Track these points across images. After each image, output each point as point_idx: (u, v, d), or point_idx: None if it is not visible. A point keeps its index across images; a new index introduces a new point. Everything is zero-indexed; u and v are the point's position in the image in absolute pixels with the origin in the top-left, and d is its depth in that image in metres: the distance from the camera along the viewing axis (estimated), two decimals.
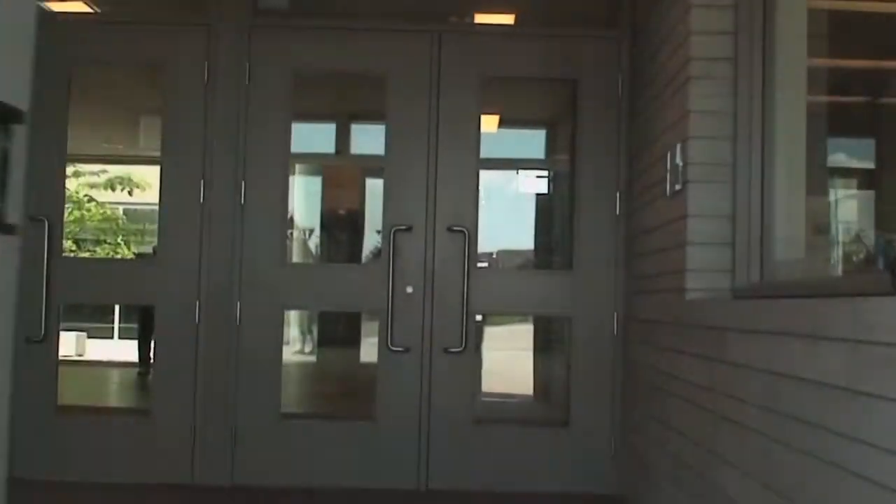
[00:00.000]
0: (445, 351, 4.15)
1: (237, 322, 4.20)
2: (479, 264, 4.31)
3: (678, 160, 3.07)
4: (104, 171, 12.77)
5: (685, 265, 2.97)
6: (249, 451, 4.18)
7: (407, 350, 4.18)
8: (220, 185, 4.24)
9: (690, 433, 2.89)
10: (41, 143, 4.22)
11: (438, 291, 4.20)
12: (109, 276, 4.34)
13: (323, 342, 17.83)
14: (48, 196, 4.27)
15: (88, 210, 14.36)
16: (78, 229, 13.92)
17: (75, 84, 4.28)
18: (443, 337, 4.17)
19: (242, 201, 4.23)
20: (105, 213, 14.50)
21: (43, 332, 4.20)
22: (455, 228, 4.18)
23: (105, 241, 14.15)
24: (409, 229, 4.21)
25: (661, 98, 3.41)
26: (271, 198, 4.24)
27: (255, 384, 4.20)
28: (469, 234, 4.16)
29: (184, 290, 4.20)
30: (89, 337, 14.48)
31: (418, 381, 4.18)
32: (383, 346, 4.19)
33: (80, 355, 12.97)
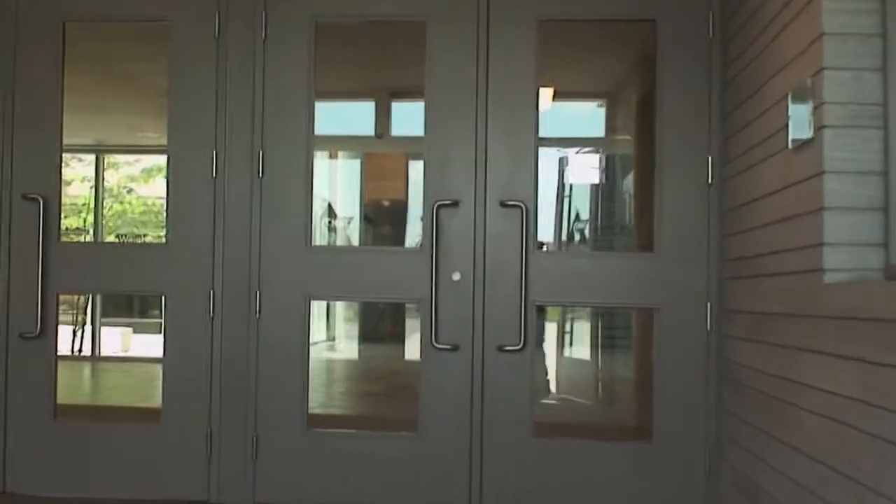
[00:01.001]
0: (500, 349, 3.47)
1: (257, 314, 3.57)
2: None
3: (808, 101, 2.33)
4: (137, 161, 12.41)
5: (821, 238, 2.24)
6: (273, 464, 3.54)
7: (455, 348, 3.50)
8: (234, 156, 3.61)
9: (827, 458, 2.16)
10: (28, 109, 3.66)
11: (491, 278, 3.52)
12: (113, 263, 3.72)
13: (365, 337, 17.16)
14: (42, 171, 3.68)
15: (129, 203, 13.96)
16: (120, 223, 13.59)
17: (72, 54, 3.71)
18: (497, 332, 3.48)
19: (261, 174, 3.59)
20: (145, 204, 14.08)
21: (39, 326, 3.61)
22: (509, 203, 3.49)
23: (145, 235, 13.69)
24: (454, 204, 3.54)
25: (775, 26, 2.67)
26: (294, 169, 3.59)
27: (279, 387, 3.56)
28: (526, 210, 3.46)
29: (196, 277, 3.58)
30: (135, 332, 14.03)
31: (468, 385, 3.50)
32: (427, 344, 3.52)
33: (125, 351, 12.55)
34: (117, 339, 12.58)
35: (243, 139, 3.61)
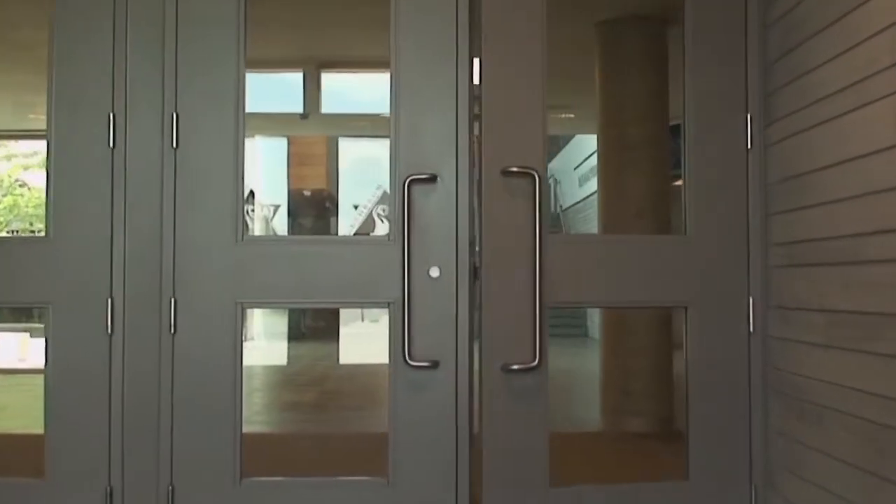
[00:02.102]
0: (505, 370, 2.70)
1: (172, 329, 2.73)
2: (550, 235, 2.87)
3: None
4: (36, 153, 11.32)
5: None
6: None
7: (434, 365, 2.74)
8: (139, 120, 2.76)
9: None
10: None
11: (488, 272, 2.75)
12: None
13: (294, 335, 16.12)
14: None
15: (21, 196, 12.75)
16: (12, 217, 12.44)
17: None
18: (496, 346, 2.72)
19: (175, 143, 2.76)
20: (42, 197, 12.78)
21: None
22: (514, 170, 2.73)
23: (41, 230, 12.43)
24: (431, 180, 2.76)
25: None
26: (219, 136, 2.77)
27: (202, 425, 2.73)
28: (539, 180, 2.71)
29: (88, 281, 2.73)
30: (33, 336, 12.77)
31: (452, 416, 2.73)
32: (397, 360, 2.74)
33: (22, 360, 11.37)
34: (13, 347, 11.35)
35: (151, 98, 2.76)
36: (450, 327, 2.77)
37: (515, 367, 2.67)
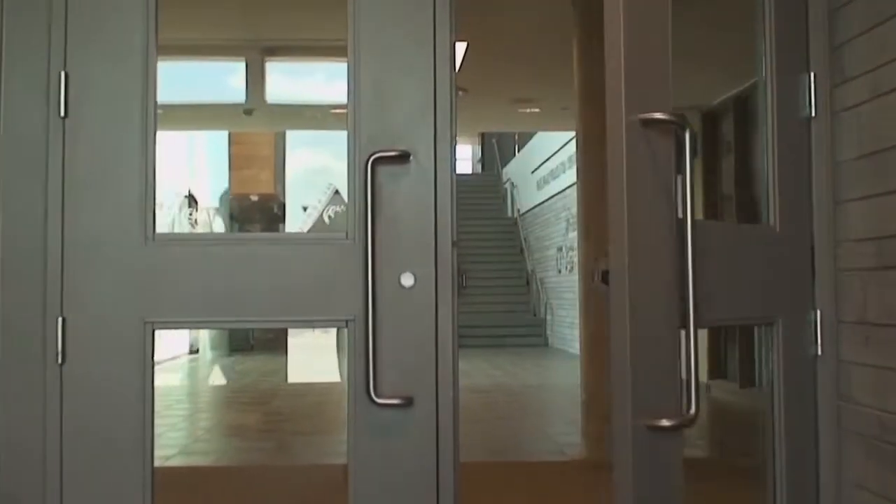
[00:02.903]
0: (651, 428, 2.01)
1: (59, 358, 2.07)
2: None
3: None
4: None
5: None
6: None
7: (407, 403, 2.10)
8: (14, 79, 2.10)
9: None
10: None
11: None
12: None
13: (237, 347, 15.28)
14: None
15: None
16: None
17: None
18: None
19: (63, 111, 2.10)
20: None
21: None
22: (658, 117, 2.07)
23: None
24: (402, 158, 2.13)
25: None
26: (123, 104, 2.11)
27: (100, 490, 2.06)
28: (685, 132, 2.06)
29: None
30: None
31: (432, 470, 2.10)
32: (358, 397, 2.10)
33: None
34: None
35: (31, 51, 2.09)
36: (428, 353, 2.13)
37: (665, 423, 1.93)
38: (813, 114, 2.21)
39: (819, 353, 2.19)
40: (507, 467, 5.35)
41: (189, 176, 16.32)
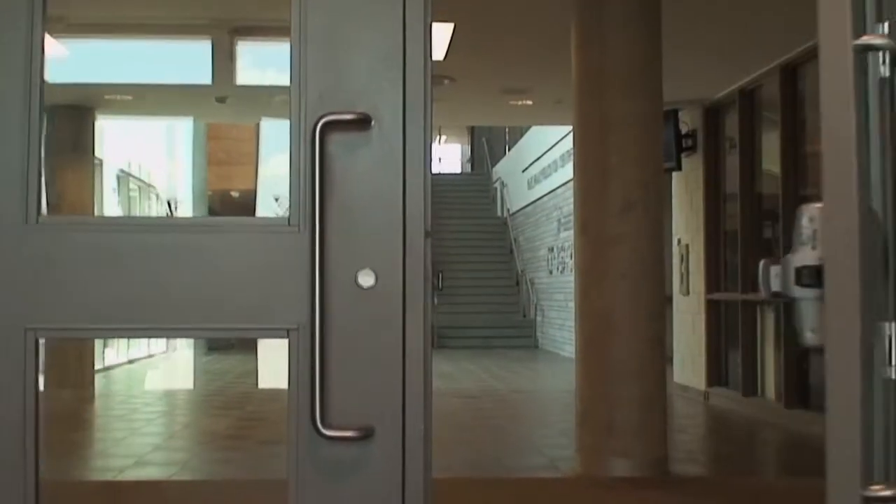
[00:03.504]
0: None
1: None
2: None
3: None
4: None
5: None
6: None
7: (365, 435, 1.65)
8: None
9: None
10: None
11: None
12: None
13: (213, 345, 14.78)
14: None
15: None
16: None
17: None
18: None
19: None
20: None
21: None
22: None
23: None
24: (361, 123, 1.68)
25: None
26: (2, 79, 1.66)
27: None
28: None
29: None
30: None
31: None
32: (303, 428, 1.64)
33: None
34: None
35: None
36: (393, 370, 1.68)
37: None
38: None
39: (893, 375, 1.73)
40: (494, 485, 4.91)
41: (165, 170, 15.92)
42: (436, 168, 33.05)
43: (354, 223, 1.68)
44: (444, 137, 33.99)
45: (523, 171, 19.94)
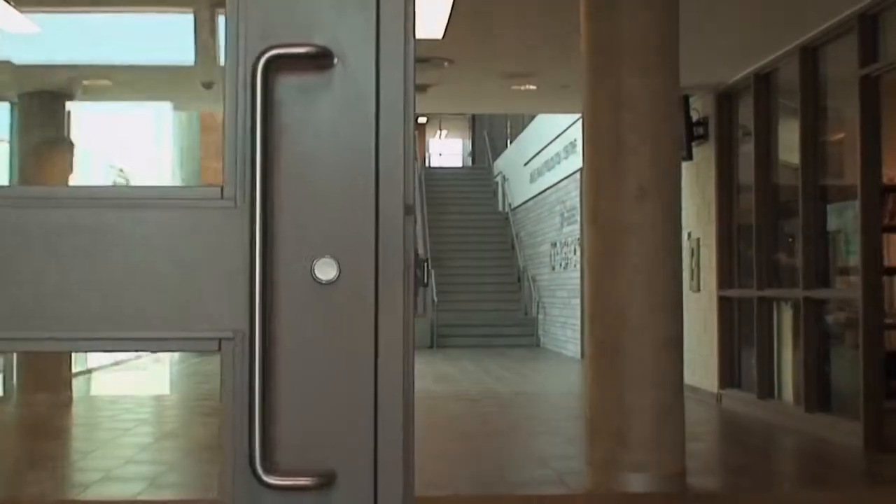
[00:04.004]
0: None
1: None
2: None
3: None
4: None
5: None
6: None
7: (323, 483, 1.22)
8: None
9: None
10: None
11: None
12: None
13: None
14: None
15: None
16: None
17: None
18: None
19: None
20: None
21: None
22: None
23: None
24: (319, 60, 1.24)
25: None
26: None
27: None
28: None
29: None
30: None
31: None
32: (239, 470, 1.21)
33: None
34: None
35: None
36: (361, 396, 1.26)
37: None
38: None
39: None
40: None
41: (150, 164, 15.48)
42: (436, 162, 32.70)
43: (311, 195, 1.26)
44: (444, 132, 33.54)
45: (525, 164, 19.52)
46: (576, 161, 14.49)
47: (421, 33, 6.69)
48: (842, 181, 7.09)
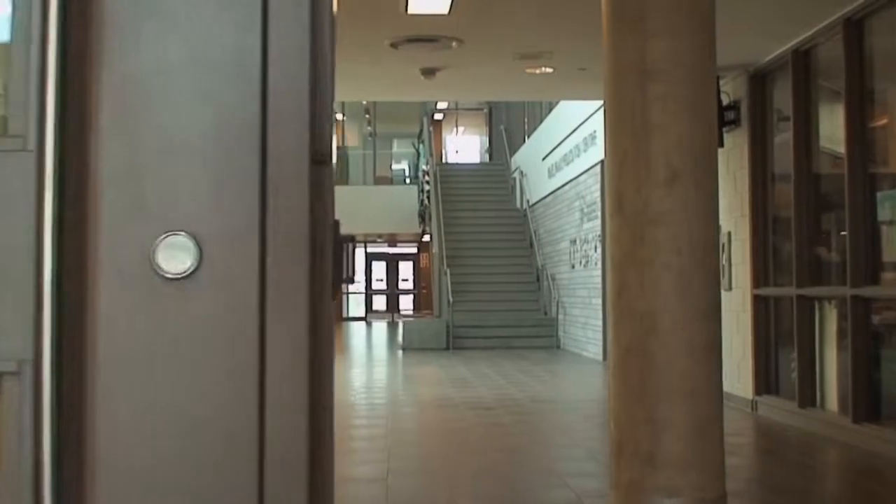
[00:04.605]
0: None
1: None
2: None
3: None
4: None
5: None
6: None
7: None
8: None
9: None
10: None
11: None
12: None
13: None
14: None
15: None
16: None
17: None
18: None
19: None
20: None
21: None
22: None
23: None
24: None
25: None
26: None
27: None
28: None
29: None
30: None
31: None
32: None
33: None
34: None
35: None
36: (236, 451, 0.75)
37: None
38: None
39: None
40: None
41: None
42: (452, 158, 32.23)
43: (150, 141, 0.77)
44: (461, 129, 33.05)
45: (543, 158, 18.98)
46: (595, 153, 13.95)
47: (426, 8, 6.19)
48: (891, 169, 6.53)
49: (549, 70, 7.80)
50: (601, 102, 7.30)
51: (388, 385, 10.92)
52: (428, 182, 22.78)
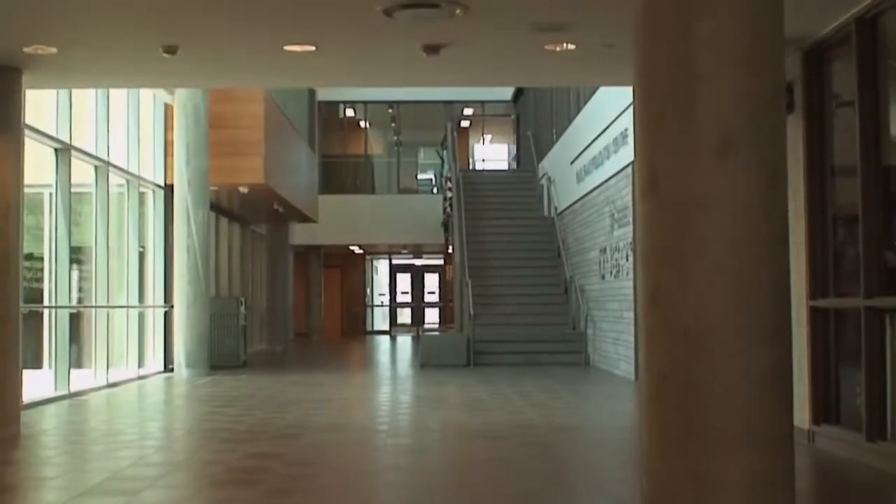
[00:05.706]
0: None
1: None
2: None
3: None
4: None
5: None
6: None
7: None
8: None
9: None
10: None
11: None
12: None
13: (218, 363, 12.96)
14: None
15: None
16: None
17: None
18: None
19: None
20: None
21: None
22: None
23: None
24: None
25: None
26: None
27: None
28: None
29: None
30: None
31: None
32: None
33: None
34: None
35: None
36: None
37: None
38: None
39: None
40: None
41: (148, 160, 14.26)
42: (479, 165, 31.45)
43: None
44: (488, 136, 32.27)
45: (571, 162, 18.03)
46: (626, 154, 12.99)
47: None
48: None
49: (571, 47, 6.84)
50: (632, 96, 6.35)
51: (391, 410, 9.89)
52: (450, 189, 21.91)
